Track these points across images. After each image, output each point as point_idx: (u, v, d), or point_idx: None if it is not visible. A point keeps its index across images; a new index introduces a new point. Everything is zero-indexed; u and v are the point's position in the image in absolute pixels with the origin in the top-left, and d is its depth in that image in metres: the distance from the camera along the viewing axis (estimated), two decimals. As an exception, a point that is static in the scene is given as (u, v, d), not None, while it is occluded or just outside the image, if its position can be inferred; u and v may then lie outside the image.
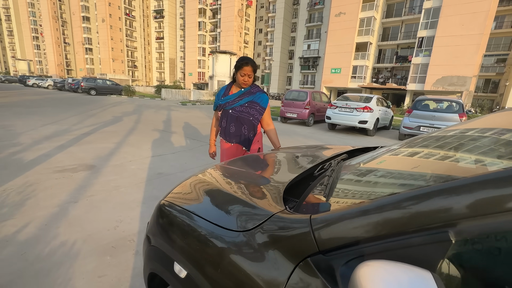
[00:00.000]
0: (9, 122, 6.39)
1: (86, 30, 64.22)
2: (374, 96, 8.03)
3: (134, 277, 1.57)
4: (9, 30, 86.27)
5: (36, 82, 30.40)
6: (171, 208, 0.90)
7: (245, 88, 1.79)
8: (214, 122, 2.03)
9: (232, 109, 1.79)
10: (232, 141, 1.85)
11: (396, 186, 0.73)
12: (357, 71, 29.11)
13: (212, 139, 2.06)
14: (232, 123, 1.80)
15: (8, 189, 2.64)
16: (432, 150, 0.92)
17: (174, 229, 0.85)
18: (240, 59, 1.73)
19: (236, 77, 1.77)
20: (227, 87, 1.87)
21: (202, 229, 0.74)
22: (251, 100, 1.79)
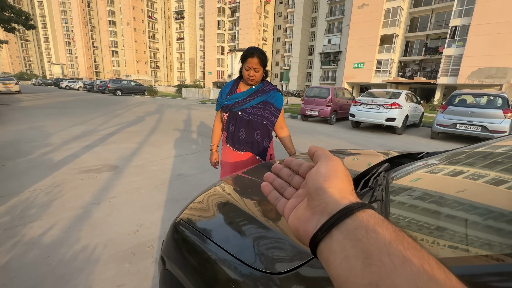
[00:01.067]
0: (42, 123, 6.79)
1: (112, 34, 67.54)
2: (403, 92, 7.49)
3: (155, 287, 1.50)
4: (45, 37, 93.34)
5: (68, 85, 32.51)
6: (187, 229, 0.79)
7: (256, 85, 1.50)
8: (216, 124, 1.69)
9: (242, 110, 1.48)
10: (242, 149, 1.52)
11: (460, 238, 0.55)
12: (381, 65, 27.69)
13: (214, 144, 1.71)
14: (243, 127, 1.48)
15: (38, 189, 2.73)
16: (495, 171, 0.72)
17: (189, 256, 0.73)
18: (246, 49, 1.43)
19: (242, 71, 1.47)
20: (234, 83, 1.57)
21: (222, 262, 0.61)
22: (265, 100, 1.49)
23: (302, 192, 0.30)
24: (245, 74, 1.44)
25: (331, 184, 0.25)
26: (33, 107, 10.39)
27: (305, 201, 0.27)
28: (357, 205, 0.23)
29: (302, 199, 0.29)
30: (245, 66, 1.42)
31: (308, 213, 0.26)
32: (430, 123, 9.40)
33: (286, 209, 0.30)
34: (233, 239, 0.68)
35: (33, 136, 5.20)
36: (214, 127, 1.70)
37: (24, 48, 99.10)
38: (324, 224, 0.23)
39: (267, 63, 1.46)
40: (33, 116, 7.86)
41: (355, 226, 0.22)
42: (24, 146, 4.39)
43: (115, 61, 69.21)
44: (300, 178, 0.31)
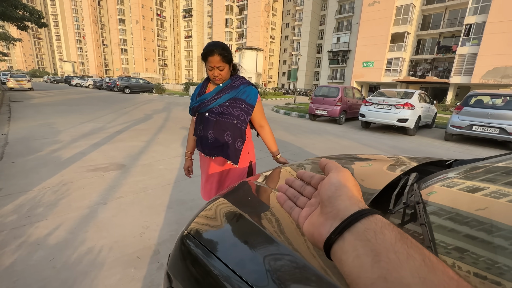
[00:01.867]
0: (53, 120, 6.87)
1: (121, 32, 68.38)
2: (416, 92, 7.25)
3: (158, 296, 1.43)
4: (57, 35, 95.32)
5: (78, 82, 33.08)
6: (195, 244, 0.71)
7: (224, 82, 1.33)
8: (190, 129, 1.53)
9: (208, 111, 1.32)
10: (213, 153, 1.34)
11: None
12: (392, 64, 27.09)
13: (187, 151, 1.58)
14: (211, 129, 1.31)
15: (45, 187, 2.72)
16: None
17: (196, 275, 0.65)
18: (205, 46, 1.26)
19: (207, 71, 1.31)
20: (203, 84, 1.41)
21: (231, 285, 0.53)
22: (234, 96, 1.31)
23: (315, 201, 0.32)
24: (209, 74, 1.29)
25: (341, 192, 0.28)
26: (44, 104, 10.57)
27: (319, 209, 0.30)
28: (366, 211, 0.26)
29: (315, 208, 0.31)
30: (207, 66, 1.27)
31: (322, 218, 0.28)
32: (443, 124, 9.12)
33: (300, 217, 0.32)
34: (246, 259, 0.60)
35: (43, 133, 5.25)
36: (189, 133, 1.55)
37: (36, 46, 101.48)
38: (337, 228, 0.26)
39: (231, 58, 1.29)
40: (44, 113, 7.98)
41: (364, 228, 0.24)
42: (34, 143, 4.42)
43: (124, 59, 70.09)
44: (312, 189, 0.34)
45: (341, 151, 5.02)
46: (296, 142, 5.55)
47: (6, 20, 12.41)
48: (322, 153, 4.77)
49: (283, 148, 4.93)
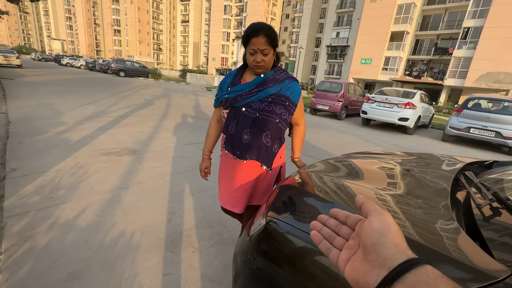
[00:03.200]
0: (51, 100, 6.65)
1: (115, 12, 65.53)
2: (418, 92, 7.41)
3: (201, 278, 1.48)
4: (45, 10, 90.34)
5: (69, 62, 31.82)
6: (281, 226, 0.75)
7: (266, 73, 1.13)
8: (212, 124, 1.33)
9: (246, 106, 1.11)
10: (246, 156, 1.13)
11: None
12: (389, 63, 27.32)
13: (207, 149, 1.34)
14: (247, 128, 1.11)
15: (61, 169, 2.68)
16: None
17: (288, 253, 0.69)
18: (248, 26, 1.06)
19: (246, 57, 1.11)
20: (237, 73, 1.22)
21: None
22: (277, 92, 1.12)
23: (354, 243, 0.31)
24: (250, 60, 1.08)
25: (386, 239, 0.27)
26: (37, 83, 10.16)
27: (360, 254, 0.29)
28: (415, 261, 0.25)
29: (355, 251, 0.30)
30: (248, 49, 1.06)
31: (367, 266, 0.27)
32: (438, 125, 9.39)
33: (340, 260, 0.31)
34: None
35: (44, 113, 5.09)
36: (210, 127, 1.33)
37: (23, 21, 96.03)
38: (386, 278, 0.25)
39: (277, 43, 1.10)
40: (40, 93, 7.69)
41: (416, 281, 0.23)
42: (38, 124, 4.30)
43: (117, 41, 67.53)
44: (348, 229, 0.33)
45: (346, 147, 5.13)
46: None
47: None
48: (329, 148, 4.86)
49: (289, 141, 4.98)
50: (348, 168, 1.22)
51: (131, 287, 1.38)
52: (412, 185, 0.93)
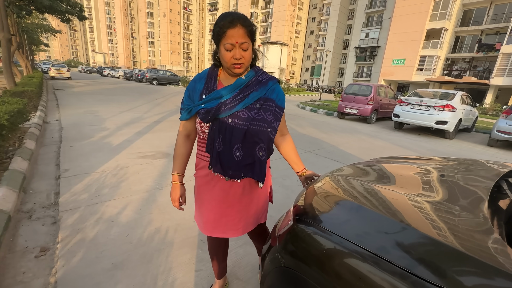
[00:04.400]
0: (95, 108, 7.35)
1: (149, 25, 70.58)
2: (458, 93, 6.84)
3: (229, 276, 1.55)
4: (90, 27, 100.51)
5: (109, 73, 34.78)
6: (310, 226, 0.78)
7: (247, 74, 0.96)
8: (181, 142, 1.07)
9: (232, 116, 0.93)
10: (239, 175, 0.97)
11: None
12: (425, 62, 25.57)
13: (177, 172, 1.10)
14: (238, 143, 0.92)
15: (105, 170, 2.97)
16: None
17: (336, 263, 0.70)
18: (220, 17, 0.88)
19: (220, 55, 0.91)
20: (209, 75, 0.99)
21: (384, 274, 0.59)
22: (264, 95, 0.96)
23: None
24: (226, 58, 0.88)
25: None
26: (84, 93, 11.30)
27: None
28: None
29: None
30: (224, 44, 0.87)
31: None
32: (482, 129, 8.55)
33: None
34: (367, 235, 0.67)
35: (90, 120, 5.65)
36: (178, 146, 1.08)
37: (72, 38, 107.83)
38: None
39: (255, 36, 0.93)
40: (86, 101, 8.55)
41: None
42: (85, 129, 4.79)
43: (151, 51, 72.45)
44: None
45: (376, 152, 4.91)
46: (329, 140, 5.50)
47: (52, 13, 13.29)
48: (358, 152, 4.70)
49: (316, 145, 4.92)
50: (377, 172, 1.20)
51: (167, 280, 1.49)
52: (448, 191, 0.90)
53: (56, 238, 1.77)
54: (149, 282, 1.46)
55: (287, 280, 0.84)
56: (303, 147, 4.69)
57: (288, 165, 1.22)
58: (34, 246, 1.69)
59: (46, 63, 35.65)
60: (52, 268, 1.51)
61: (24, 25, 17.61)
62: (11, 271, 1.48)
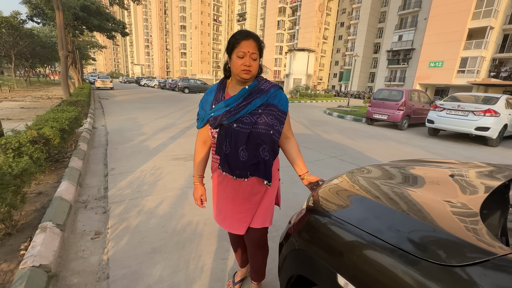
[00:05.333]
0: (134, 115, 8.10)
1: (182, 37, 75.13)
2: (502, 96, 6.29)
3: (250, 266, 1.70)
4: (130, 41, 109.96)
5: (146, 83, 37.63)
6: (328, 218, 0.91)
7: (250, 84, 1.09)
8: (198, 148, 1.23)
9: (237, 121, 1.05)
10: (246, 174, 1.09)
11: None
12: (467, 64, 23.58)
13: (197, 174, 1.25)
14: (242, 145, 1.05)
15: (144, 170, 3.33)
16: None
17: (338, 243, 0.83)
18: (236, 33, 1.04)
19: (231, 64, 1.05)
20: (218, 87, 1.15)
21: (376, 249, 0.70)
22: (266, 102, 1.07)
23: None
24: (237, 65, 1.01)
25: None
26: (124, 101, 12.46)
27: None
28: None
29: None
30: (237, 52, 1.00)
31: None
32: (537, 136, 7.66)
33: None
34: (386, 231, 0.77)
35: (131, 126, 6.28)
36: (197, 151, 1.24)
37: (114, 52, 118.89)
38: None
39: (263, 52, 1.08)
40: (126, 109, 9.45)
41: None
42: (126, 134, 5.35)
43: (183, 62, 76.82)
44: None
45: (405, 158, 4.73)
46: (355, 146, 5.43)
47: (101, 32, 15.00)
48: (385, 159, 4.59)
49: (341, 151, 4.90)
50: (386, 171, 1.28)
51: (197, 264, 1.69)
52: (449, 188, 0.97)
53: (106, 225, 2.09)
54: (183, 265, 1.67)
55: (301, 260, 0.97)
56: (328, 152, 4.71)
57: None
58: (90, 230, 2.02)
59: (93, 75, 39.78)
60: (104, 248, 1.81)
61: (77, 43, 20.00)
62: (73, 248, 1.80)
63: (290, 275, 1.04)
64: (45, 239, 1.67)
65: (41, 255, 1.53)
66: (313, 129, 7.21)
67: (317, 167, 3.80)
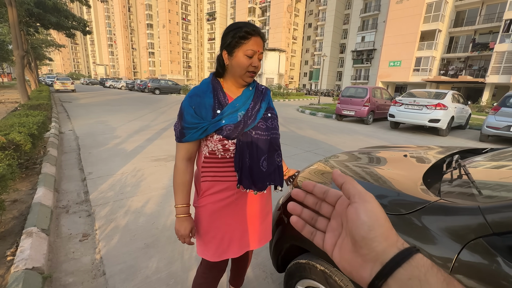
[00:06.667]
0: (104, 118, 7.73)
1: (149, 36, 71.97)
2: (449, 92, 7.18)
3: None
4: (91, 40, 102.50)
5: (112, 84, 35.48)
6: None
7: (252, 85, 0.97)
8: (183, 167, 0.95)
9: (255, 128, 0.92)
10: (265, 186, 0.95)
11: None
12: (421, 63, 26.03)
13: (183, 203, 0.97)
14: (265, 154, 0.93)
15: (125, 172, 3.30)
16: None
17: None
18: (241, 24, 0.85)
19: (233, 62, 0.87)
20: (214, 86, 0.92)
21: None
22: (269, 104, 0.99)
23: (336, 224, 0.30)
24: (243, 65, 0.86)
25: (376, 233, 0.26)
26: (91, 104, 11.73)
27: (348, 242, 0.28)
28: (406, 253, 0.25)
29: (339, 232, 0.30)
30: (246, 50, 0.84)
31: (359, 259, 0.27)
32: (477, 126, 8.85)
33: (326, 244, 0.30)
34: None
35: (101, 129, 6.01)
36: (181, 173, 0.95)
37: (73, 51, 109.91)
38: (379, 274, 0.25)
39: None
40: (94, 112, 8.95)
41: (408, 276, 0.23)
42: (99, 138, 5.14)
43: (151, 62, 73.68)
44: (328, 206, 0.32)
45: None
46: (327, 141, 5.82)
47: (59, 30, 13.87)
48: (354, 150, 5.01)
49: (315, 145, 5.24)
50: (356, 155, 1.52)
51: (192, 254, 1.80)
52: (408, 163, 1.22)
53: (93, 227, 2.09)
54: (177, 256, 1.77)
55: (290, 236, 1.15)
56: (303, 147, 5.01)
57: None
58: (76, 233, 2.01)
59: (50, 77, 36.49)
60: (95, 248, 1.83)
61: (31, 41, 18.24)
62: (62, 251, 1.80)
63: (281, 248, 1.21)
64: (33, 243, 1.66)
65: (32, 258, 1.53)
66: (288, 127, 7.53)
67: (294, 161, 4.05)
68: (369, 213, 0.26)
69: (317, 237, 0.32)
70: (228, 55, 0.87)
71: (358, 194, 0.28)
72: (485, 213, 0.66)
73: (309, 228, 0.33)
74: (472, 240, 0.66)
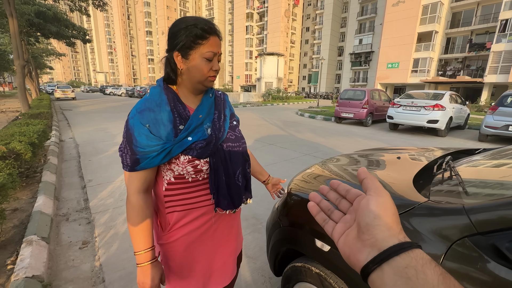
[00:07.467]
0: (104, 125, 7.78)
1: (149, 43, 72.72)
2: (447, 92, 7.22)
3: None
4: (91, 48, 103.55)
5: (112, 91, 35.71)
6: (296, 196, 1.12)
7: (210, 91, 0.83)
8: (140, 203, 0.72)
9: (225, 140, 0.80)
10: (241, 201, 0.84)
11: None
12: (418, 64, 26.18)
13: (149, 247, 0.73)
14: (239, 167, 0.82)
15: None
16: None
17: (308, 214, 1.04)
18: (197, 20, 0.70)
19: (189, 66, 0.72)
20: (170, 98, 0.74)
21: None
22: (231, 111, 0.89)
23: (350, 218, 0.32)
24: (204, 69, 0.72)
25: (380, 222, 0.27)
26: (91, 112, 11.81)
27: (354, 230, 0.30)
28: (406, 245, 0.25)
29: (350, 225, 0.31)
30: (204, 52, 0.71)
31: (359, 244, 0.28)
32: (476, 125, 8.87)
33: (335, 232, 0.32)
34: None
35: (101, 136, 6.05)
36: (137, 212, 0.72)
37: (74, 59, 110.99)
38: (375, 258, 0.26)
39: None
40: (94, 120, 9.01)
41: (405, 265, 0.24)
42: (99, 145, 5.18)
43: (151, 68, 74.27)
44: (347, 203, 0.33)
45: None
46: (326, 143, 5.84)
47: (59, 39, 14.07)
48: (353, 153, 5.03)
49: (314, 148, 5.26)
50: (349, 158, 1.55)
51: (190, 259, 1.81)
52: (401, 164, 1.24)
53: (93, 234, 2.11)
54: (176, 262, 1.78)
55: (286, 237, 1.17)
56: (302, 151, 5.03)
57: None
58: (76, 240, 2.03)
59: (50, 85, 36.76)
60: (95, 256, 1.84)
61: (31, 51, 18.46)
62: (62, 259, 1.81)
63: (278, 251, 1.23)
64: (33, 251, 1.67)
65: (32, 267, 1.54)
66: (287, 130, 7.56)
67: (293, 165, 4.07)
68: (379, 205, 0.28)
69: (328, 225, 0.34)
70: (183, 57, 0.72)
71: (375, 188, 0.30)
72: (469, 213, 0.68)
73: (322, 215, 0.35)
74: (458, 240, 0.68)
